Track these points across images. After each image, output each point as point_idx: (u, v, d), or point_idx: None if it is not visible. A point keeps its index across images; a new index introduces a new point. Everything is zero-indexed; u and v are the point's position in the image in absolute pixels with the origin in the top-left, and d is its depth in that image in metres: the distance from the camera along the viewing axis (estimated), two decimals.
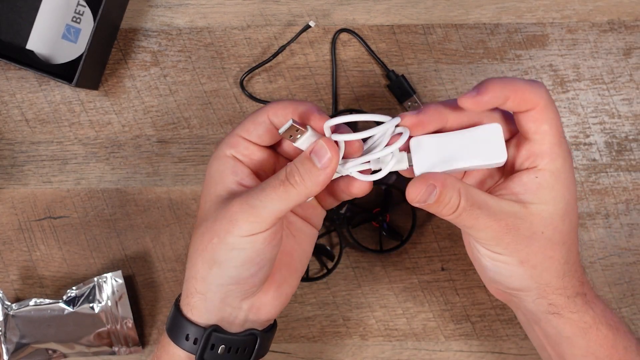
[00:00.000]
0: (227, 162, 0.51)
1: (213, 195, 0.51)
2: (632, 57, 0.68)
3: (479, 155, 0.49)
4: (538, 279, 0.51)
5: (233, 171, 0.51)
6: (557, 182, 0.49)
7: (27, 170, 0.69)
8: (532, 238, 0.49)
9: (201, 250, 0.50)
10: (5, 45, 0.68)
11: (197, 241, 0.51)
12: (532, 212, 0.49)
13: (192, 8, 0.69)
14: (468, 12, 0.68)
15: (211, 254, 0.49)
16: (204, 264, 0.50)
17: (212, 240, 0.49)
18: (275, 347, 0.69)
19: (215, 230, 0.49)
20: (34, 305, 0.67)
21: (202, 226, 0.51)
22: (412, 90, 0.67)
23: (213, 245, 0.49)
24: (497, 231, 0.49)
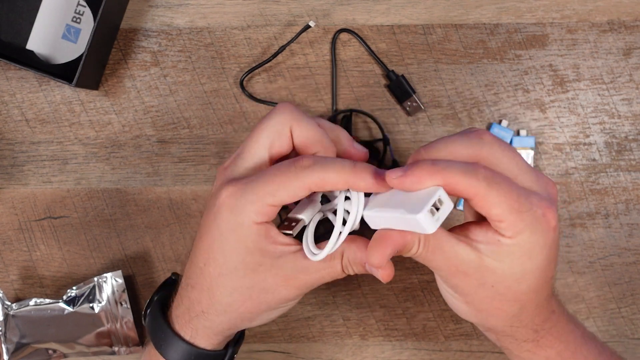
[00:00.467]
0: (259, 229, 0.50)
1: (252, 263, 0.50)
2: (631, 57, 0.68)
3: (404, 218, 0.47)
4: (483, 322, 0.52)
5: (267, 236, 0.50)
6: (518, 250, 0.47)
7: (27, 170, 0.69)
8: (481, 287, 0.49)
9: (245, 313, 0.52)
10: (6, 45, 0.68)
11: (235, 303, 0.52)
12: (485, 264, 0.48)
13: (192, 8, 0.69)
14: (468, 12, 0.68)
15: (255, 315, 0.53)
16: (243, 320, 0.53)
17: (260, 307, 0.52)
18: (275, 347, 0.69)
19: (265, 301, 0.52)
20: (34, 305, 0.67)
21: (242, 293, 0.51)
22: (412, 90, 0.67)
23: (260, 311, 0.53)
24: (447, 272, 0.49)
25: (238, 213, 0.49)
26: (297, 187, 0.48)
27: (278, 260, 0.51)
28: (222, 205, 0.50)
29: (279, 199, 0.49)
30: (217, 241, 0.51)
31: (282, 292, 0.51)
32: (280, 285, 0.51)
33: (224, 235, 0.50)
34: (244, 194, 0.49)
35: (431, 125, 0.68)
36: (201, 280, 0.52)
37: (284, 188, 0.48)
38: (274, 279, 0.51)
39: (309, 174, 0.48)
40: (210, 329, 0.53)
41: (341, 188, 0.49)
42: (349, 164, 0.48)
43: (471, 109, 0.68)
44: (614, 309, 0.68)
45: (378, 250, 0.47)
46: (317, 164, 0.48)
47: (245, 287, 0.51)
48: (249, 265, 0.50)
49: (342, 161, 0.49)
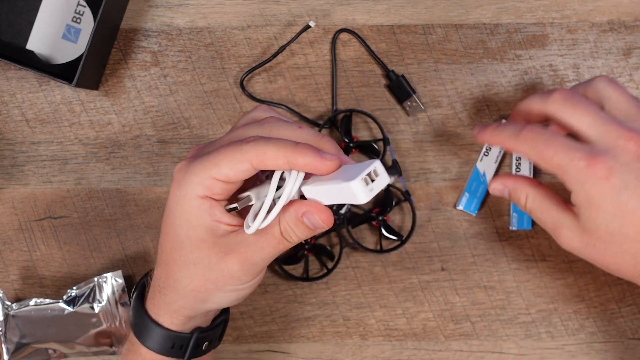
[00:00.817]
0: (202, 204, 0.50)
1: (195, 238, 0.51)
2: (632, 57, 0.68)
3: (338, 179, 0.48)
4: (616, 274, 0.56)
5: (210, 213, 0.50)
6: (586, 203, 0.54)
7: (28, 170, 0.69)
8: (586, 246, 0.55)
9: (194, 291, 0.52)
10: (6, 45, 0.68)
11: (184, 279, 0.52)
12: (580, 225, 0.55)
13: (192, 8, 0.69)
14: (468, 12, 0.68)
15: (205, 295, 0.52)
16: (196, 300, 0.53)
17: (207, 285, 0.52)
18: (275, 347, 0.69)
19: (212, 279, 0.51)
20: (34, 305, 0.67)
21: (190, 268, 0.51)
22: (412, 90, 0.67)
23: (208, 290, 0.52)
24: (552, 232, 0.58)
25: (184, 185, 0.50)
26: (238, 160, 0.48)
27: (220, 239, 0.51)
28: (173, 180, 0.51)
29: (221, 172, 0.49)
30: (169, 216, 0.51)
31: (225, 269, 0.51)
32: (222, 261, 0.51)
33: (171, 209, 0.51)
34: (189, 167, 0.50)
35: (431, 125, 0.68)
36: (161, 256, 0.53)
37: (226, 161, 0.48)
38: (216, 255, 0.51)
39: (250, 148, 0.48)
40: (168, 306, 0.53)
41: (282, 165, 0.48)
42: (291, 142, 0.48)
43: (471, 109, 0.68)
44: (614, 309, 0.68)
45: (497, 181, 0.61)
46: (260, 139, 0.48)
47: (191, 262, 0.51)
48: (193, 240, 0.51)
49: (285, 140, 0.49)
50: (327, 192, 0.49)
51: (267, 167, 0.49)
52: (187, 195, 0.50)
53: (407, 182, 0.68)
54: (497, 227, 0.68)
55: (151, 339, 0.54)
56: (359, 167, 0.48)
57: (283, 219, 0.50)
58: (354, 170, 0.47)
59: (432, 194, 0.68)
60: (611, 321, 0.68)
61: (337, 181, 0.47)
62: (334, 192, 0.48)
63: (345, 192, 0.47)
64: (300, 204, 0.49)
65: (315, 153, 0.48)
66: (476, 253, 0.68)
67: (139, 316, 0.55)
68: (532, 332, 0.68)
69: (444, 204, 0.68)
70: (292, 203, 0.50)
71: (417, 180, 0.68)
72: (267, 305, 0.69)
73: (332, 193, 0.48)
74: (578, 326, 0.68)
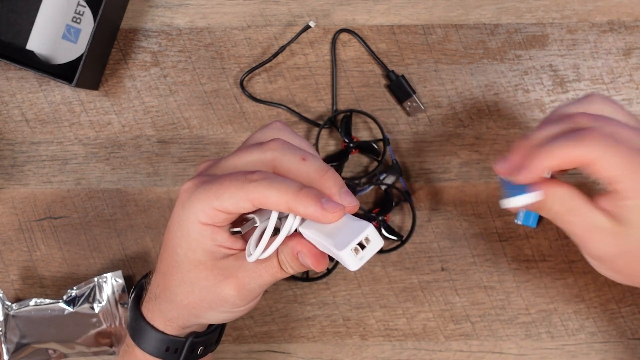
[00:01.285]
0: (204, 230, 0.50)
1: (194, 260, 0.51)
2: (632, 57, 0.68)
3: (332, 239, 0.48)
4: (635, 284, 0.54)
5: (211, 238, 0.50)
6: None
7: (28, 171, 0.69)
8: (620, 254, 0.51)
9: (189, 307, 0.53)
10: (6, 45, 0.68)
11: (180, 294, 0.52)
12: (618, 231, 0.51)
13: (192, 8, 0.69)
14: (468, 12, 0.68)
15: (199, 312, 0.53)
16: (189, 315, 0.53)
17: (201, 304, 0.52)
18: (275, 347, 0.69)
19: (207, 300, 0.52)
20: (34, 305, 0.67)
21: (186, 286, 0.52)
22: (412, 91, 0.67)
23: (202, 308, 0.52)
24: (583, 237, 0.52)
25: (187, 208, 0.50)
26: (240, 197, 0.48)
27: (220, 262, 0.51)
28: (178, 199, 0.51)
29: (222, 205, 0.48)
30: (170, 232, 0.52)
31: (222, 292, 0.51)
32: (220, 284, 0.51)
33: (173, 228, 0.51)
34: (195, 191, 0.50)
35: (431, 125, 0.68)
36: (160, 266, 0.53)
37: (229, 196, 0.48)
38: (214, 278, 0.51)
39: (253, 188, 0.48)
40: (162, 314, 0.54)
41: (283, 209, 0.48)
42: (295, 186, 0.47)
43: (471, 109, 0.68)
44: (614, 309, 0.68)
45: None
46: (264, 180, 0.48)
47: (189, 281, 0.51)
48: (192, 261, 0.51)
49: (289, 182, 0.48)
50: (320, 245, 0.49)
51: (269, 208, 0.48)
52: (189, 220, 0.50)
53: (407, 182, 0.68)
54: (497, 227, 0.68)
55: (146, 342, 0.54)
56: (353, 227, 0.47)
57: (281, 251, 0.50)
58: (349, 229, 0.47)
59: (432, 194, 0.68)
60: (611, 321, 0.68)
61: (330, 241, 0.47)
62: (327, 249, 0.48)
63: (338, 255, 0.47)
64: (297, 242, 0.49)
65: (317, 203, 0.47)
66: (476, 253, 0.68)
67: (135, 318, 0.55)
68: (532, 332, 0.68)
69: (444, 204, 0.68)
70: (292, 237, 0.50)
71: (417, 180, 0.68)
72: (267, 305, 0.69)
73: (325, 248, 0.48)
74: (578, 326, 0.68)
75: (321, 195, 0.47)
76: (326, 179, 0.48)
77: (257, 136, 0.54)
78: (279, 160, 0.50)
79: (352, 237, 0.46)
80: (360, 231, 0.47)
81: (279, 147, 0.50)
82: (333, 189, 0.48)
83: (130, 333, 0.55)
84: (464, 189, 0.68)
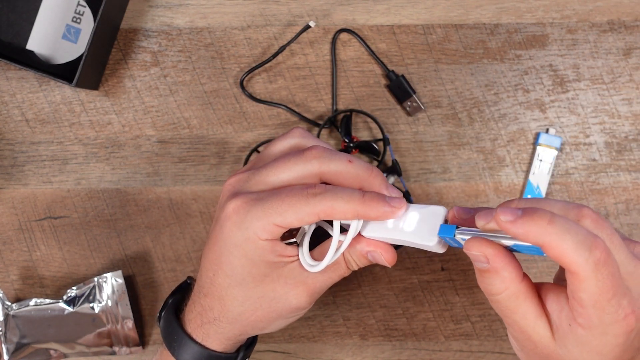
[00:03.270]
0: (265, 245, 0.50)
1: (258, 275, 0.51)
2: (631, 57, 0.68)
3: (414, 231, 0.49)
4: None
5: (272, 251, 0.51)
6: (588, 344, 0.43)
7: (28, 171, 0.69)
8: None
9: (256, 321, 0.53)
10: (6, 45, 0.68)
11: (245, 312, 0.53)
12: (555, 347, 0.45)
13: (192, 8, 0.69)
14: (468, 12, 0.68)
15: (267, 323, 0.54)
16: (255, 329, 0.54)
17: (270, 315, 0.53)
18: (275, 347, 0.69)
19: (277, 310, 0.53)
20: (34, 305, 0.67)
21: (253, 303, 0.52)
22: (412, 91, 0.67)
23: (271, 319, 0.54)
24: (517, 333, 0.46)
25: (244, 228, 0.50)
26: (306, 213, 0.49)
27: (284, 270, 0.52)
28: (228, 219, 0.50)
29: (286, 221, 0.49)
30: (224, 254, 0.51)
31: (293, 300, 0.52)
32: (289, 293, 0.52)
33: (230, 249, 0.51)
34: (251, 209, 0.49)
35: (431, 125, 0.68)
36: (212, 290, 0.53)
37: (293, 212, 0.49)
38: (283, 288, 0.52)
39: (319, 201, 0.48)
40: (222, 334, 0.54)
41: (351, 218, 0.49)
42: (359, 194, 0.49)
43: (471, 109, 0.68)
44: None
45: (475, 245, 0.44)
46: (327, 192, 0.49)
47: (255, 297, 0.52)
48: (256, 277, 0.51)
49: (352, 191, 0.49)
50: (393, 240, 0.50)
51: (336, 219, 0.49)
52: (250, 239, 0.50)
53: (407, 182, 0.68)
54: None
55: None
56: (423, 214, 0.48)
57: (349, 253, 0.52)
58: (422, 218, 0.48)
59: (432, 194, 0.68)
60: None
61: (411, 237, 0.48)
62: (402, 242, 0.50)
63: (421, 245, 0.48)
64: (367, 243, 0.51)
65: (385, 203, 0.48)
66: None
67: (181, 341, 0.54)
68: None
69: (444, 204, 0.68)
70: (358, 239, 0.51)
71: (417, 180, 0.68)
72: None
73: (398, 241, 0.50)
74: None
75: (384, 196, 0.49)
76: (374, 177, 0.50)
77: (281, 144, 0.54)
78: (326, 166, 0.50)
79: (431, 224, 0.48)
80: (436, 215, 0.48)
81: (323, 154, 0.51)
82: (382, 186, 0.50)
83: (172, 348, 0.55)
84: (464, 189, 0.68)
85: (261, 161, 0.53)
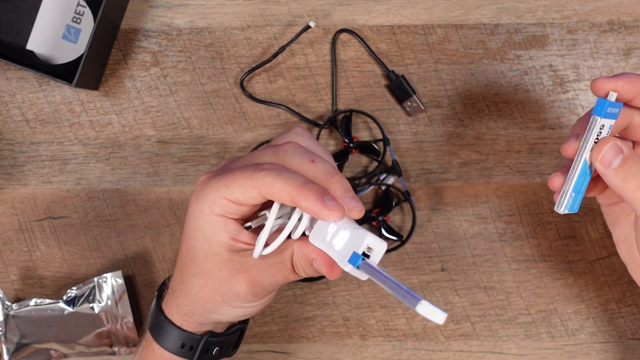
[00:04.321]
0: (217, 221, 0.51)
1: (209, 252, 0.52)
2: (632, 57, 0.68)
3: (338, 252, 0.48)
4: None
5: (225, 229, 0.51)
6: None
7: (28, 171, 0.69)
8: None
9: (203, 300, 0.53)
10: (6, 45, 0.68)
11: (195, 287, 0.53)
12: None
13: (192, 8, 0.69)
14: (468, 13, 0.68)
15: (213, 306, 0.53)
16: (204, 309, 0.54)
17: (214, 297, 0.53)
18: (275, 347, 0.69)
19: (220, 292, 0.53)
20: (34, 305, 0.67)
21: (201, 278, 0.53)
22: (412, 91, 0.67)
23: (216, 302, 0.53)
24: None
25: (201, 200, 0.51)
26: (249, 186, 0.49)
27: (234, 255, 0.52)
28: (194, 193, 0.52)
29: (233, 194, 0.50)
30: (187, 226, 0.53)
31: (235, 287, 0.52)
32: (232, 278, 0.52)
33: (189, 221, 0.52)
34: (208, 183, 0.51)
35: (431, 125, 0.68)
36: (178, 260, 0.55)
37: (238, 184, 0.49)
38: (228, 271, 0.52)
39: (262, 177, 0.49)
40: (179, 308, 0.54)
41: (286, 201, 0.48)
42: (301, 180, 0.48)
43: (471, 109, 0.68)
44: (614, 309, 0.68)
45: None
46: (273, 170, 0.49)
47: (203, 273, 0.53)
48: (207, 253, 0.52)
49: (297, 175, 0.49)
50: (327, 249, 0.49)
51: (274, 199, 0.49)
52: (203, 211, 0.51)
53: (407, 182, 0.68)
54: (497, 227, 0.68)
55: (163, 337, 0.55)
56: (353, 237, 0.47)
57: (296, 255, 0.51)
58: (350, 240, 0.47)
59: (432, 194, 0.68)
60: (611, 321, 0.68)
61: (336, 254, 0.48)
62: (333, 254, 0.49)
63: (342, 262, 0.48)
64: (313, 250, 0.50)
65: (318, 198, 0.47)
66: (476, 253, 0.68)
67: (155, 314, 0.56)
68: (532, 332, 0.68)
69: (444, 204, 0.68)
70: (307, 244, 0.50)
71: (417, 180, 0.68)
72: (267, 306, 0.69)
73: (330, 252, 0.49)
74: (578, 326, 0.68)
75: (325, 193, 0.48)
76: (332, 182, 0.49)
77: (277, 140, 0.55)
78: (288, 161, 0.50)
79: (352, 249, 0.47)
80: (360, 242, 0.47)
81: (291, 149, 0.51)
82: (338, 192, 0.49)
83: (150, 328, 0.56)
84: (464, 189, 0.68)
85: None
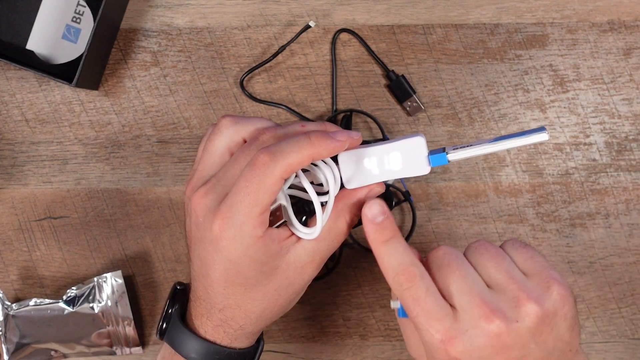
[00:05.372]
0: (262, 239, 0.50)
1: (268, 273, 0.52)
2: (632, 57, 0.68)
3: (402, 167, 0.52)
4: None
5: (271, 240, 0.51)
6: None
7: (27, 171, 0.69)
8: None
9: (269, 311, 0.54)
10: (5, 45, 0.68)
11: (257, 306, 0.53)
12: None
13: (192, 8, 0.69)
14: (468, 12, 0.68)
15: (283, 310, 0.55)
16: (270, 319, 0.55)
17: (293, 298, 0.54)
18: (275, 347, 0.69)
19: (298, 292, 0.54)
20: (34, 305, 0.67)
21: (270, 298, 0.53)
22: (412, 90, 0.67)
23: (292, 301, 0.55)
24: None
25: (240, 239, 0.50)
26: (271, 184, 0.49)
27: (290, 257, 0.52)
28: (220, 239, 0.50)
29: (263, 204, 0.49)
30: (232, 269, 0.51)
31: (305, 277, 0.53)
32: (301, 273, 0.53)
33: (236, 262, 0.51)
34: (233, 221, 0.50)
35: (431, 125, 0.68)
36: (229, 302, 0.53)
37: (262, 192, 0.49)
38: (294, 272, 0.53)
39: (274, 167, 0.48)
40: (250, 334, 0.55)
41: (307, 164, 0.50)
42: (304, 139, 0.49)
43: (471, 109, 0.68)
44: (614, 309, 0.68)
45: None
46: (276, 154, 0.49)
47: (272, 290, 0.53)
48: (269, 273, 0.52)
49: (297, 139, 0.49)
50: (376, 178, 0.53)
51: (295, 170, 0.50)
52: (250, 245, 0.50)
53: (407, 182, 0.68)
54: (497, 227, 0.68)
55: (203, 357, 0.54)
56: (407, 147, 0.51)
57: (342, 212, 0.53)
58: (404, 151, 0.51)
59: (432, 194, 0.68)
60: (611, 321, 0.68)
61: (402, 173, 0.51)
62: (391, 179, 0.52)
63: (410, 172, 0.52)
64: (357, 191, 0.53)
65: (331, 139, 0.50)
66: None
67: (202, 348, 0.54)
68: None
69: (444, 204, 0.68)
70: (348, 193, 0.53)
71: (417, 180, 0.68)
72: None
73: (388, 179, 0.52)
74: None
75: (327, 133, 0.50)
76: (327, 126, 0.54)
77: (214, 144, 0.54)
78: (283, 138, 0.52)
79: (421, 154, 0.51)
80: (420, 146, 0.51)
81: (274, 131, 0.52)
82: (334, 129, 0.53)
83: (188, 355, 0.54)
84: (464, 189, 0.68)
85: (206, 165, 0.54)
